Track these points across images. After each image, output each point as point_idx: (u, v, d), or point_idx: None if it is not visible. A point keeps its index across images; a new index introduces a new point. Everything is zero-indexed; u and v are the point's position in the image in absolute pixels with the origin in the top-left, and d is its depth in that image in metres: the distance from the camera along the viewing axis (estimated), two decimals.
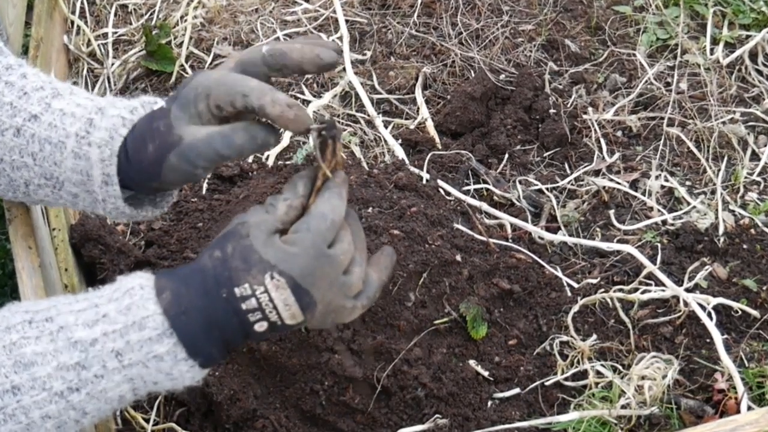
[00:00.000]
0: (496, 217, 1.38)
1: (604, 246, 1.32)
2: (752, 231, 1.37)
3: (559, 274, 1.29)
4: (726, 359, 1.14)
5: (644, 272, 1.26)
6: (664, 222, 1.39)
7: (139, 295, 0.66)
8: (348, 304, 0.70)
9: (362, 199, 1.21)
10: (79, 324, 0.65)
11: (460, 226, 1.27)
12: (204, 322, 0.66)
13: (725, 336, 1.21)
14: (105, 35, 1.76)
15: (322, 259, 0.67)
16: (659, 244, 1.34)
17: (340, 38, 1.72)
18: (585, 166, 1.50)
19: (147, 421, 1.07)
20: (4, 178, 0.78)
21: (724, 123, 1.56)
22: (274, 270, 0.65)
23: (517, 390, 1.15)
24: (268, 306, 0.66)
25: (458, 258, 1.18)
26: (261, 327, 0.67)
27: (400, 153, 1.49)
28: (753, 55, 1.70)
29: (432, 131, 1.55)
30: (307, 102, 1.60)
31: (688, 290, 1.24)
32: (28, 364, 0.63)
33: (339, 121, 1.57)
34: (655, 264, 1.28)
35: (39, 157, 0.75)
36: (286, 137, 1.52)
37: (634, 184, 1.48)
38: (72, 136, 0.74)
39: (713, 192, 1.45)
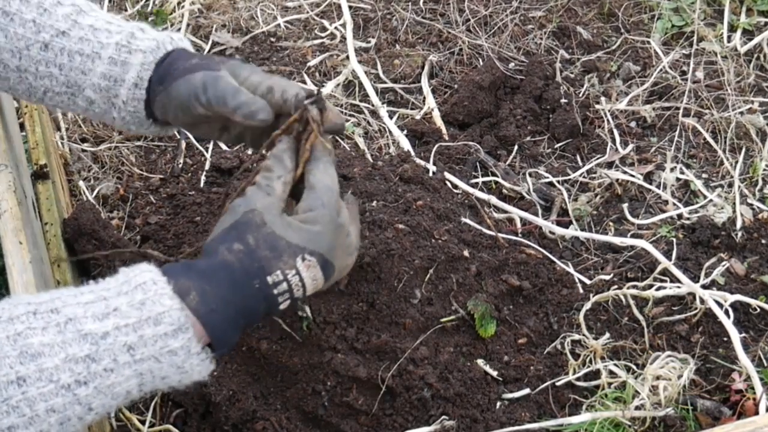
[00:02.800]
0: (505, 211, 1.36)
1: (618, 241, 1.31)
2: None
3: (571, 270, 1.27)
4: (744, 358, 1.13)
5: (659, 268, 1.24)
6: (680, 216, 1.38)
7: (153, 290, 0.66)
8: (350, 261, 0.77)
9: (366, 192, 1.18)
10: (88, 316, 0.64)
11: (467, 221, 1.24)
12: (234, 315, 0.69)
13: (743, 334, 1.19)
14: None
15: (338, 230, 0.73)
16: (675, 239, 1.32)
17: (344, 25, 1.68)
18: (597, 158, 1.47)
19: (143, 422, 1.06)
20: (23, 85, 0.85)
21: (741, 113, 1.54)
22: (305, 252, 0.71)
23: (527, 390, 1.13)
24: (297, 285, 0.71)
25: (466, 253, 1.16)
26: (285, 305, 0.72)
27: (406, 144, 1.47)
28: None
29: (438, 122, 1.53)
30: None
31: (704, 287, 1.23)
32: (35, 355, 0.62)
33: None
34: (670, 260, 1.26)
35: (67, 67, 0.82)
36: None
37: (648, 177, 1.46)
38: (111, 46, 0.82)
39: (730, 185, 1.43)
